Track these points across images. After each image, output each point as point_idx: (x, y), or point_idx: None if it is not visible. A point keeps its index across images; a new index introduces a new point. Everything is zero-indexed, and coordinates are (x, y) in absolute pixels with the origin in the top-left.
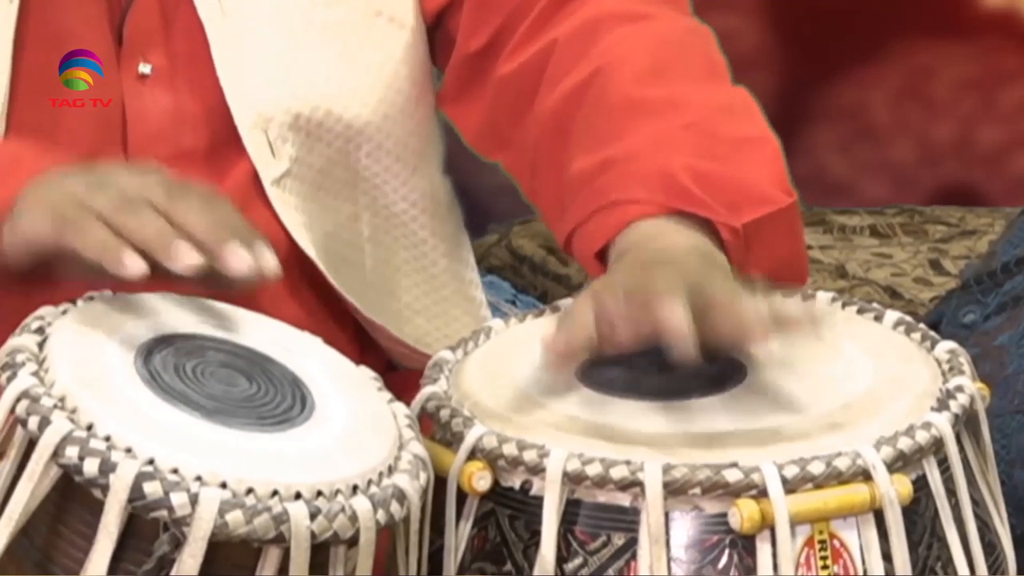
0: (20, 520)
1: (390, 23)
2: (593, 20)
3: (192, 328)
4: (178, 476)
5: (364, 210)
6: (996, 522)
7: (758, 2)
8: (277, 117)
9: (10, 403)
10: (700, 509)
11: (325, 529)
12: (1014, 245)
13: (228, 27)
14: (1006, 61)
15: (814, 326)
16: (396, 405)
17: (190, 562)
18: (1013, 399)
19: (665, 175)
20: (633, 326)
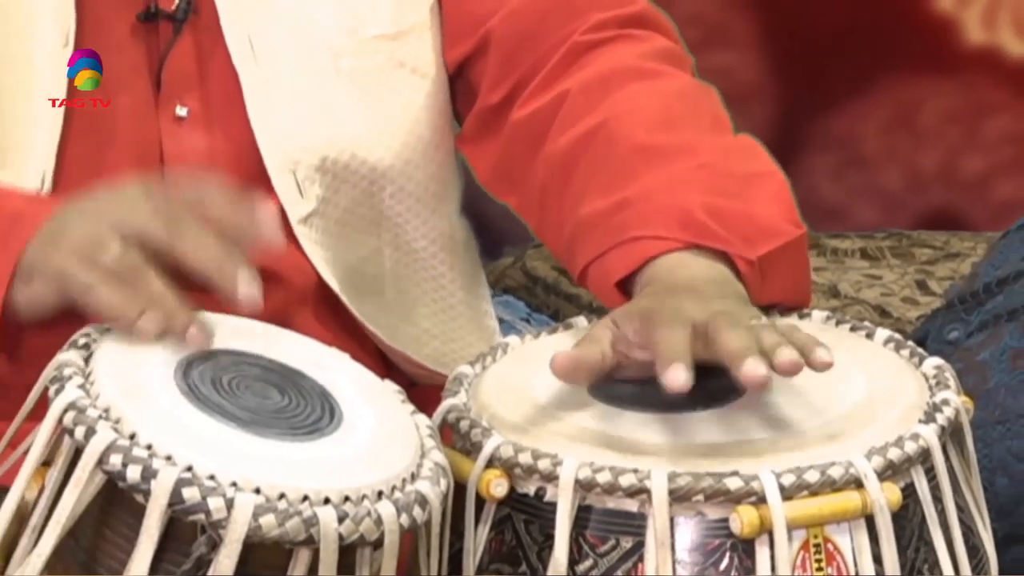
0: (67, 523)
1: (412, 73)
2: (605, 74)
3: (228, 344)
4: (215, 482)
5: (386, 246)
6: (979, 526)
7: (756, 39)
8: (305, 160)
9: (58, 414)
10: (703, 515)
11: (352, 532)
12: (995, 267)
13: (260, 74)
14: (988, 94)
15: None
16: (418, 416)
17: (226, 562)
18: (994, 411)
19: (683, 211)
20: (642, 353)
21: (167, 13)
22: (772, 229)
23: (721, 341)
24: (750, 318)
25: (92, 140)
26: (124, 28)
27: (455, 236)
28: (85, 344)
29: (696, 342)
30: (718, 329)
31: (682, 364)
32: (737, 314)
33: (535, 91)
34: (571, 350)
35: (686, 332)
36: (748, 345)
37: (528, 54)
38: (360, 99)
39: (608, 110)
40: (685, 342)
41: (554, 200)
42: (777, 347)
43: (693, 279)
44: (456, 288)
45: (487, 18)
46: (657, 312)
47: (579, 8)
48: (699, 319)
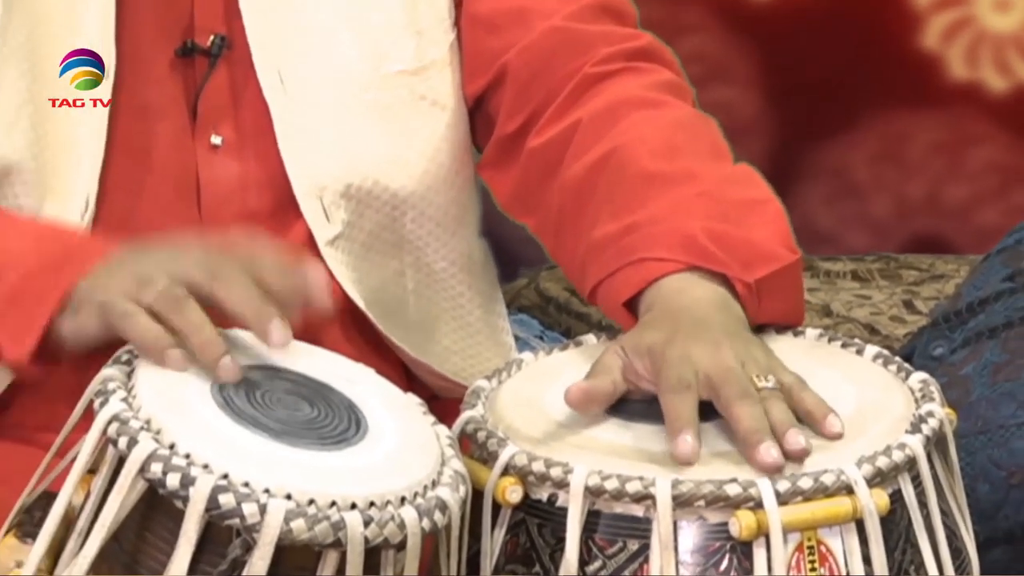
0: (111, 527)
1: (433, 106)
2: (614, 104)
3: (261, 360)
4: (249, 489)
5: (408, 268)
6: (962, 530)
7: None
8: (331, 186)
9: (102, 425)
10: (704, 519)
11: (377, 535)
12: (977, 288)
13: (289, 105)
14: (971, 127)
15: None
16: (439, 427)
17: (259, 564)
18: (976, 422)
19: (685, 236)
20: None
21: (203, 49)
22: (769, 253)
23: (733, 416)
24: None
25: (132, 167)
26: (163, 62)
27: (474, 257)
28: (127, 360)
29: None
30: (730, 401)
31: (690, 432)
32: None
33: (549, 120)
34: (583, 383)
35: (693, 397)
36: (759, 427)
37: (541, 86)
38: (383, 130)
39: (616, 138)
40: (692, 410)
41: (569, 223)
42: (787, 430)
43: (695, 302)
44: (474, 307)
45: (503, 53)
46: (666, 360)
47: (588, 43)
48: (707, 372)
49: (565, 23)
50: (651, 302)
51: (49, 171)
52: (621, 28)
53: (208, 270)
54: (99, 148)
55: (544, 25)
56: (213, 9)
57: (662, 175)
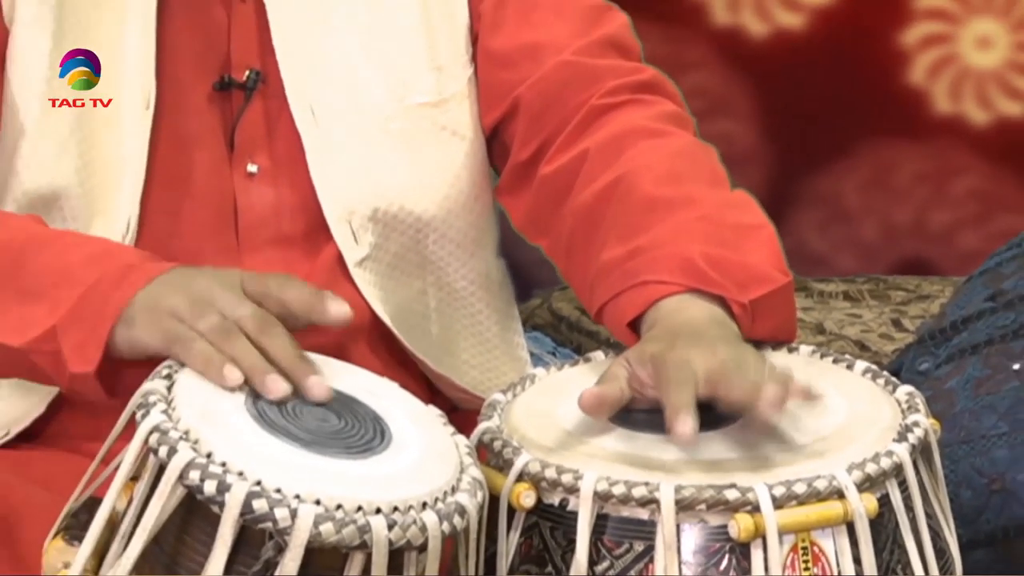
0: (152, 531)
1: (453, 135)
2: (620, 134)
3: None
4: (281, 495)
5: (431, 287)
6: (946, 532)
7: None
8: (359, 211)
9: (144, 435)
10: (705, 522)
11: (400, 538)
12: (960, 307)
13: (320, 135)
14: (954, 158)
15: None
16: (458, 437)
17: (291, 565)
18: (960, 432)
19: (685, 260)
20: (654, 392)
21: (239, 83)
22: (763, 276)
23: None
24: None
25: (172, 192)
26: (201, 95)
27: (492, 277)
28: (167, 375)
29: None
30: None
31: (687, 417)
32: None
33: (559, 149)
34: (595, 389)
35: (691, 389)
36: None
37: (552, 117)
38: (407, 158)
39: (622, 166)
40: (689, 400)
41: (579, 246)
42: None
43: (694, 321)
44: (492, 323)
45: (516, 86)
46: (666, 362)
47: (596, 76)
48: (705, 370)
49: (574, 58)
50: (653, 321)
51: (95, 195)
52: (627, 62)
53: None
54: (140, 174)
55: (555, 60)
56: (248, 46)
57: (665, 200)
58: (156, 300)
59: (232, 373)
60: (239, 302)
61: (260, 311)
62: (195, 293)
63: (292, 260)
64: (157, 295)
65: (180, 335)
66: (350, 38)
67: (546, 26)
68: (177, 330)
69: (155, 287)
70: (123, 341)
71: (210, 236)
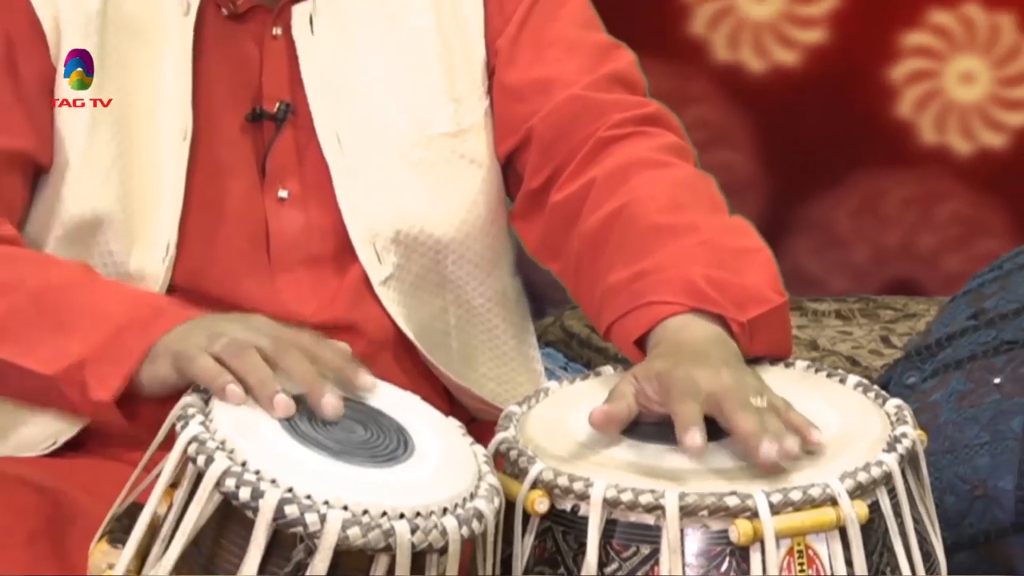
0: (191, 534)
1: (470, 164)
2: (624, 165)
3: None
4: (311, 501)
5: (450, 304)
6: (932, 536)
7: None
8: (382, 233)
9: (183, 445)
10: (707, 527)
11: (423, 541)
12: (945, 325)
13: (346, 163)
14: (939, 185)
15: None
16: (476, 447)
17: (320, 566)
18: (944, 442)
19: (687, 282)
20: (661, 407)
21: (270, 114)
22: (760, 296)
23: (736, 424)
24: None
25: (208, 216)
26: (234, 126)
27: (508, 295)
28: (205, 389)
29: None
30: (732, 412)
31: (697, 430)
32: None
33: (568, 178)
34: (604, 407)
35: (698, 405)
36: (759, 431)
37: (562, 147)
38: (427, 184)
39: (627, 194)
40: (698, 414)
41: (587, 269)
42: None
43: (696, 339)
44: (508, 338)
45: (529, 118)
46: (672, 378)
47: (603, 109)
48: (709, 390)
49: (583, 92)
50: (658, 339)
51: (136, 221)
52: (632, 97)
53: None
54: (178, 201)
55: (564, 94)
56: (279, 79)
57: (667, 227)
58: (181, 339)
59: (234, 392)
60: (260, 334)
61: (279, 339)
62: (217, 329)
63: (321, 279)
64: (183, 334)
65: (187, 355)
66: (374, 72)
67: (557, 62)
68: (185, 351)
69: (182, 328)
70: (146, 377)
71: (244, 258)
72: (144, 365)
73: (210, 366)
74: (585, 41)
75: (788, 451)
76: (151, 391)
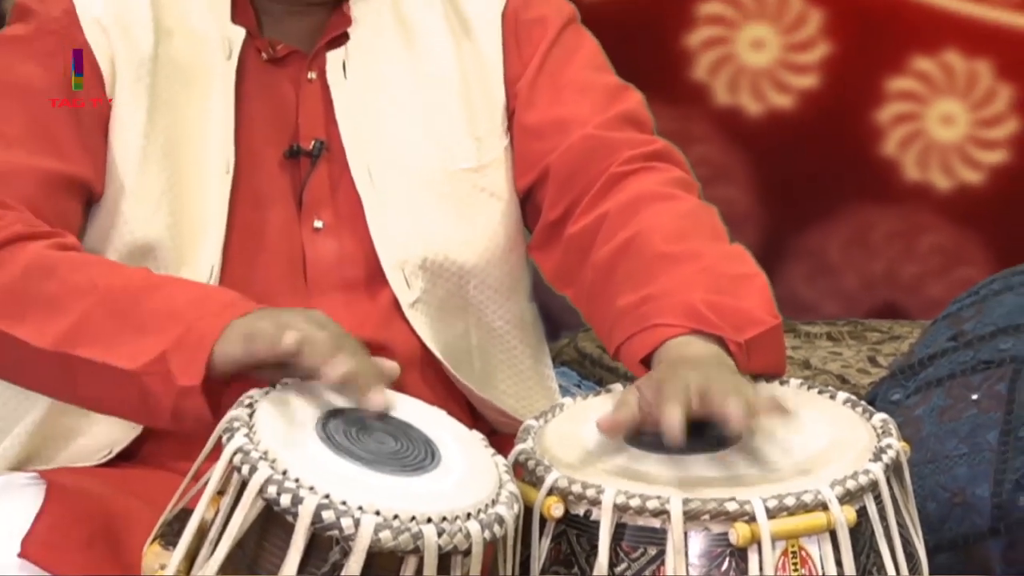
0: (236, 537)
1: (491, 196)
2: (635, 198)
3: (355, 404)
4: (346, 506)
5: (473, 326)
6: (915, 539)
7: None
8: (410, 260)
9: (229, 456)
10: (709, 530)
11: (448, 543)
12: (926, 346)
13: (377, 196)
14: (921, 218)
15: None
16: (497, 457)
17: (355, 566)
18: (926, 453)
19: (689, 306)
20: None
21: (306, 151)
22: (756, 319)
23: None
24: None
25: (249, 244)
26: (274, 161)
27: (525, 318)
28: (249, 404)
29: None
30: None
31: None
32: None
33: (583, 211)
34: (611, 414)
35: (684, 401)
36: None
37: (577, 182)
38: (451, 215)
39: (636, 225)
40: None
41: (599, 295)
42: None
43: (696, 356)
44: (526, 357)
45: (546, 155)
46: (665, 381)
47: (614, 147)
48: (698, 385)
49: (596, 131)
50: (661, 358)
51: (183, 246)
52: (641, 135)
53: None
54: (221, 229)
55: (579, 133)
56: (315, 119)
57: (672, 255)
58: (249, 324)
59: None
60: (319, 327)
61: (338, 334)
62: (283, 319)
63: (354, 303)
64: (250, 320)
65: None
66: (402, 112)
67: (572, 104)
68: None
69: (249, 317)
70: (221, 356)
71: (283, 282)
72: (218, 345)
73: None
74: (597, 83)
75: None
76: (223, 368)
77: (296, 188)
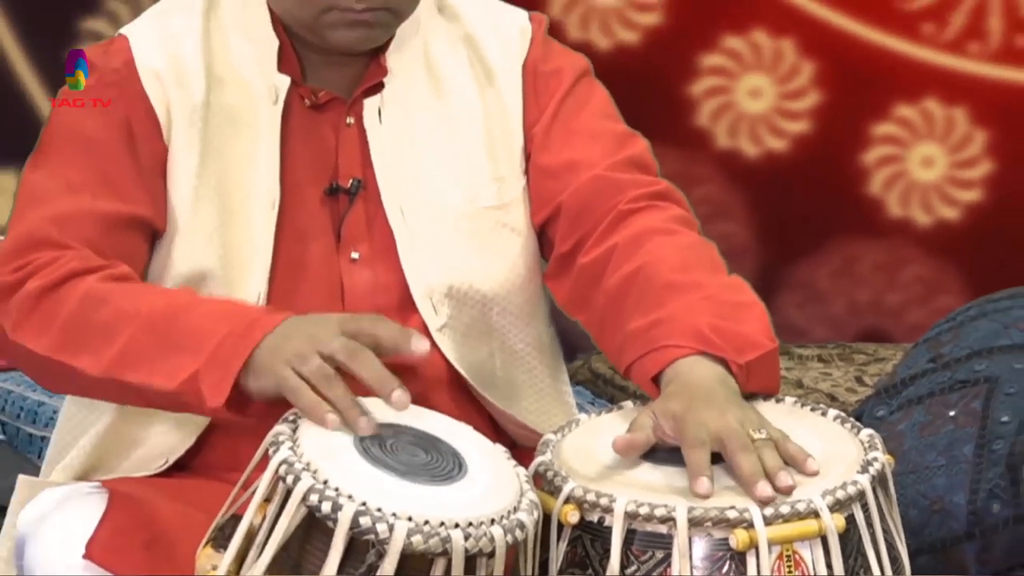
0: (281, 541)
1: (511, 232)
2: (641, 232)
3: (390, 419)
4: (381, 513)
5: (496, 349)
6: (898, 543)
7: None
8: (438, 289)
9: (275, 467)
10: (711, 535)
11: (474, 547)
12: (908, 368)
13: (408, 230)
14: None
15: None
16: (519, 468)
17: (389, 567)
18: (908, 465)
19: (694, 330)
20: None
21: (345, 189)
22: (755, 342)
23: (736, 463)
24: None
25: (292, 274)
26: (315, 198)
27: (544, 341)
28: (293, 420)
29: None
30: (734, 452)
31: (705, 479)
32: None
33: (593, 244)
34: (626, 436)
35: (707, 450)
36: (757, 471)
37: (588, 218)
38: (475, 248)
39: (643, 257)
40: (707, 460)
41: (610, 320)
42: (778, 471)
43: (703, 379)
44: (545, 377)
45: (559, 194)
46: (686, 422)
47: (621, 187)
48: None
49: (605, 172)
50: (670, 378)
51: (232, 277)
52: (646, 177)
53: (347, 350)
54: (267, 260)
55: (589, 174)
56: (352, 160)
57: (678, 284)
58: (272, 351)
59: (332, 420)
60: (333, 337)
61: (350, 342)
62: (300, 343)
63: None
64: (273, 346)
65: (289, 386)
66: (432, 155)
67: (583, 147)
68: (287, 380)
69: (272, 339)
70: (254, 389)
71: (322, 308)
72: (247, 377)
73: (312, 399)
74: (607, 130)
75: (782, 487)
76: (261, 398)
77: (335, 223)
